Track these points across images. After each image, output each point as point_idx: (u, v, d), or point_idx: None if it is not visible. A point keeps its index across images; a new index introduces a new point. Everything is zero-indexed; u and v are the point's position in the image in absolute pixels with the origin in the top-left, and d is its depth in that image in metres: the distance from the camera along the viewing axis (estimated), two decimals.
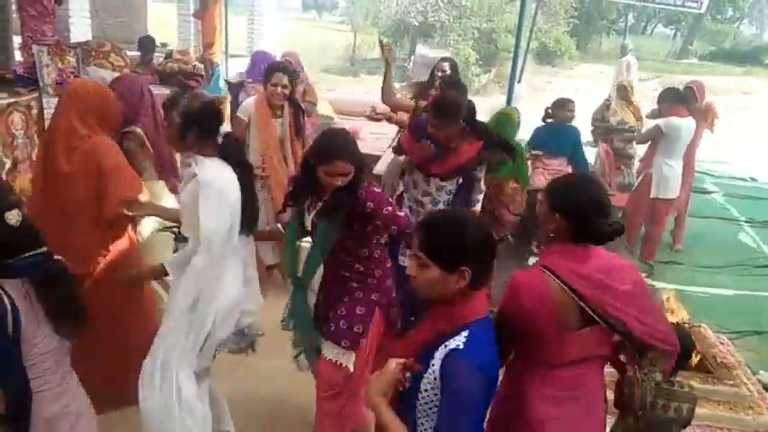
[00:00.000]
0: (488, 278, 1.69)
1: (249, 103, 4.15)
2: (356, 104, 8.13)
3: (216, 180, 2.39)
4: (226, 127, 2.79)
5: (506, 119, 4.57)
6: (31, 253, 1.85)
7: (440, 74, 4.63)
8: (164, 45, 9.23)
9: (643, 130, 6.02)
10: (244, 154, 2.73)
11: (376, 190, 2.62)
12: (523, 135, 7.55)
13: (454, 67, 4.79)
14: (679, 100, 5.52)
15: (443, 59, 4.96)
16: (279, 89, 4.07)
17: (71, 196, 2.73)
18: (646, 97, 6.72)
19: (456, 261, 1.61)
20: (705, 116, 6.00)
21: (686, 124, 5.42)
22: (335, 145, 2.45)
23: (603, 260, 1.95)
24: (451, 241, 1.63)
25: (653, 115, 6.01)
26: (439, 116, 3.25)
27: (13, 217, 1.81)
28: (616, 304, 1.85)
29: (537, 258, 2.11)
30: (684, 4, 8.49)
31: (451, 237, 1.64)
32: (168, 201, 3.28)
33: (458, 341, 1.62)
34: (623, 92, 6.35)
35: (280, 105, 4.17)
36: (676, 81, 11.37)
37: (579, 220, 1.92)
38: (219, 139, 2.54)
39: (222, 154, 2.50)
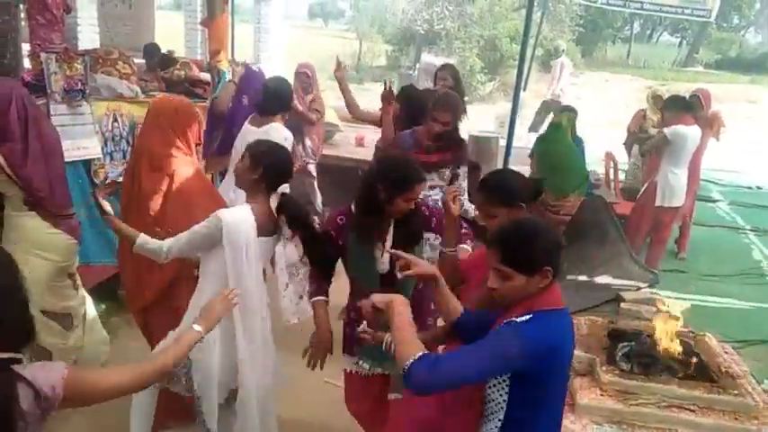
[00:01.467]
0: (561, 267, 1.83)
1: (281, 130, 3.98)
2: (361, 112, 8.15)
3: (228, 219, 2.44)
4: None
5: (553, 129, 4.96)
6: None
7: (441, 82, 4.71)
8: (170, 53, 9.28)
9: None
10: (309, 217, 2.71)
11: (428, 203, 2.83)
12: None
13: (455, 75, 4.83)
14: (684, 108, 5.52)
15: (444, 67, 5.01)
16: None
17: (147, 215, 2.79)
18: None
19: (539, 264, 1.74)
20: (711, 125, 6.00)
21: (692, 132, 5.41)
22: (412, 170, 2.48)
23: None
24: (532, 248, 1.75)
25: (659, 125, 6.01)
26: (445, 107, 3.57)
27: None
28: None
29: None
30: (693, 13, 8.51)
31: (531, 244, 1.76)
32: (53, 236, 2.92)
33: (519, 319, 1.73)
34: (659, 101, 6.38)
35: None
36: (682, 89, 11.37)
37: (535, 198, 2.45)
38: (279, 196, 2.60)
39: (287, 211, 2.57)
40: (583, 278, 5.31)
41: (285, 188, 2.66)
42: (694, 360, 3.57)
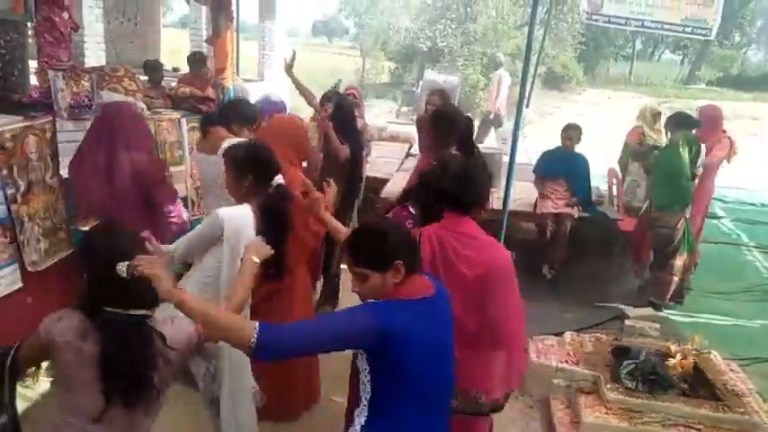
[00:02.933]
0: (420, 262, 1.94)
1: None
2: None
3: (228, 217, 2.46)
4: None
5: (668, 145, 5.26)
6: (123, 313, 1.78)
7: (430, 106, 4.81)
8: (175, 70, 9.37)
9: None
10: (289, 209, 2.70)
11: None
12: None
13: (445, 98, 4.93)
14: (686, 125, 5.51)
15: (433, 93, 5.11)
16: None
17: None
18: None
19: (389, 260, 1.83)
20: (720, 148, 5.86)
21: None
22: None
23: None
24: (379, 246, 1.86)
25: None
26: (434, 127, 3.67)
27: (124, 271, 1.71)
28: None
29: None
30: (694, 31, 8.54)
31: (377, 242, 1.87)
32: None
33: (372, 301, 1.86)
34: (658, 117, 6.45)
35: None
36: (684, 107, 11.40)
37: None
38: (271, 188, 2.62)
39: (268, 204, 2.55)
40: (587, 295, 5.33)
41: (279, 179, 2.66)
42: (700, 378, 3.56)
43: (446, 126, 3.66)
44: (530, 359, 3.81)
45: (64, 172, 3.58)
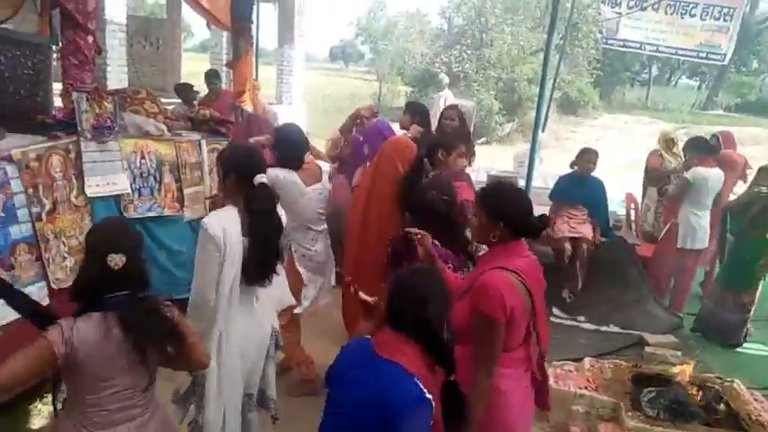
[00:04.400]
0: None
1: None
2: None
3: (216, 228, 2.42)
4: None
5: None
6: (121, 293, 1.93)
7: (448, 122, 4.79)
8: (196, 93, 9.54)
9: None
10: (274, 204, 2.67)
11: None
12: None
13: (461, 115, 4.92)
14: (704, 150, 5.49)
15: (450, 108, 5.11)
16: None
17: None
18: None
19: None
20: (732, 167, 5.90)
21: (712, 174, 5.38)
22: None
23: (529, 256, 2.35)
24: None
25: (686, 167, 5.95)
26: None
27: (114, 261, 1.89)
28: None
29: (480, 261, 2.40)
30: (708, 56, 8.57)
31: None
32: None
33: None
34: (671, 143, 6.46)
35: None
36: (702, 132, 11.35)
37: (519, 223, 2.26)
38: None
39: (251, 200, 2.54)
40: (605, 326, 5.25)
41: (262, 178, 2.61)
42: (723, 407, 3.48)
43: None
44: (549, 384, 3.75)
45: (89, 191, 3.64)
